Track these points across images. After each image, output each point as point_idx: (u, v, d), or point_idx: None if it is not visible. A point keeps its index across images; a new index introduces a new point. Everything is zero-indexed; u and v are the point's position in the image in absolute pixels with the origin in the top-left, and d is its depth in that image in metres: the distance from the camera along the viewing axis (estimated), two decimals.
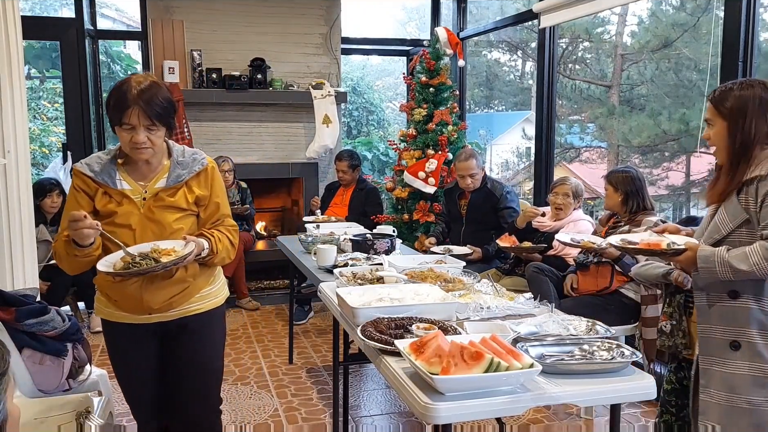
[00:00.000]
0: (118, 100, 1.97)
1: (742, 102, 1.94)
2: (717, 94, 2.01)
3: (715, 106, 2.00)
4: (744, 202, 1.93)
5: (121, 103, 1.96)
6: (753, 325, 1.93)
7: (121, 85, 2.00)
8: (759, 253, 1.83)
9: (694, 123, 7.35)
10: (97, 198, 2.06)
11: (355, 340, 2.00)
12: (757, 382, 1.92)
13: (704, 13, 7.41)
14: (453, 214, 4.41)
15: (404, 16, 14.36)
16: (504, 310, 2.15)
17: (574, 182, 3.74)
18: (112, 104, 1.99)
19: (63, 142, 5.58)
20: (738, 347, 1.95)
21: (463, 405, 1.52)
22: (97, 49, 5.68)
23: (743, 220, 1.92)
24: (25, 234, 3.55)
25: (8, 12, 3.32)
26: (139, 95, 1.96)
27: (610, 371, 1.72)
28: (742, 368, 1.94)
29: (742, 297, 1.94)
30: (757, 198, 1.90)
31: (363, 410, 3.44)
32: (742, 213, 1.93)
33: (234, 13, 5.67)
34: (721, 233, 1.96)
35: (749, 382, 1.93)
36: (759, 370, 1.92)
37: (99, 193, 2.06)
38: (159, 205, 2.08)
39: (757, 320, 1.93)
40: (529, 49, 10.18)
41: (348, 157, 5.21)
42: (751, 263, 1.83)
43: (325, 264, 3.10)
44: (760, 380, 1.92)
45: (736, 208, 1.94)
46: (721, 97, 1.98)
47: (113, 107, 1.98)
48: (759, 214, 1.89)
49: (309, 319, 4.99)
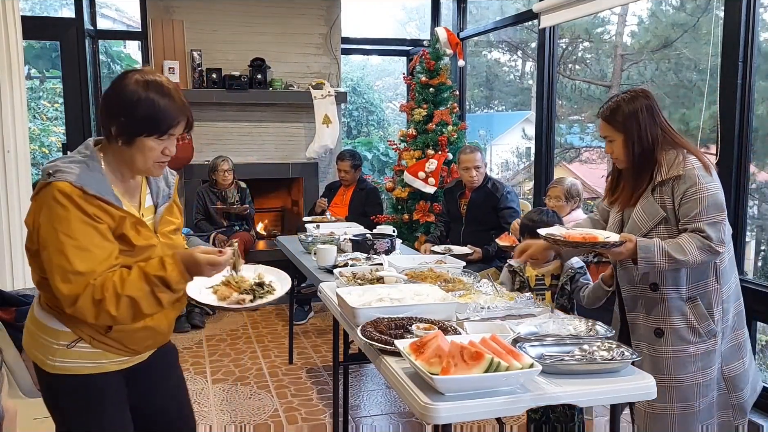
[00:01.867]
0: (168, 109, 1.64)
1: (633, 113, 2.13)
2: (607, 111, 2.18)
3: (608, 122, 2.17)
4: (660, 201, 2.12)
5: (172, 112, 1.64)
6: (674, 312, 2.14)
7: (159, 87, 1.64)
8: (693, 244, 2.02)
9: (694, 123, 7.34)
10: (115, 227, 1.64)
11: (355, 340, 2.00)
12: (679, 362, 2.14)
13: (704, 13, 7.41)
14: (453, 214, 4.40)
15: (404, 16, 14.36)
16: (504, 310, 2.15)
17: (569, 183, 3.67)
18: (154, 112, 1.62)
19: (63, 142, 5.58)
20: (661, 334, 2.16)
21: (463, 405, 1.52)
22: (97, 49, 5.69)
23: (661, 218, 2.11)
24: (25, 234, 3.56)
25: (8, 12, 3.32)
26: (185, 103, 1.69)
27: (610, 371, 1.72)
28: (667, 352, 2.15)
29: (661, 289, 2.14)
30: (673, 196, 2.09)
31: (363, 410, 3.44)
32: (659, 211, 2.11)
33: (234, 13, 5.68)
34: (641, 231, 2.13)
35: (673, 364, 2.14)
36: (682, 352, 2.14)
37: (112, 218, 1.64)
38: (169, 230, 1.82)
39: (677, 308, 2.14)
40: (529, 49, 10.17)
41: (350, 157, 5.21)
42: (688, 254, 2.01)
43: (325, 264, 3.10)
44: (681, 360, 2.14)
45: (654, 206, 2.13)
46: (613, 113, 2.16)
47: (155, 116, 1.62)
48: (678, 210, 2.08)
49: (309, 319, 4.99)
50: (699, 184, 2.04)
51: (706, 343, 2.14)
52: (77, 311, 1.58)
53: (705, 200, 2.04)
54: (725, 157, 3.13)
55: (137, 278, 1.60)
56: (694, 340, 2.13)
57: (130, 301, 1.58)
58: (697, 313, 2.13)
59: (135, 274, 1.61)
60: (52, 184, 1.58)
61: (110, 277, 1.58)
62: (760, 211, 7.00)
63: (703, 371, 2.15)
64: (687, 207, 2.06)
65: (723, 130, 3.13)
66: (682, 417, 2.15)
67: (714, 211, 2.04)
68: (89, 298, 1.56)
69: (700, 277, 2.14)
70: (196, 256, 1.64)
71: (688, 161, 2.09)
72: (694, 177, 2.05)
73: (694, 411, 2.15)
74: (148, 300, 1.61)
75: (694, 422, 2.15)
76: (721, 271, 2.16)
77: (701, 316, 2.13)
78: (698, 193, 2.04)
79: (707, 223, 2.02)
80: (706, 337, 2.14)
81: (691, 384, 2.14)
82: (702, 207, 2.03)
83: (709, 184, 2.06)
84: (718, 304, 2.15)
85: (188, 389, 2.07)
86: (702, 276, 2.14)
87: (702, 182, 2.05)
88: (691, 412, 2.15)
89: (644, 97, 2.15)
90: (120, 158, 1.69)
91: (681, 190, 2.07)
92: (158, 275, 1.60)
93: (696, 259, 2.02)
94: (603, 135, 2.21)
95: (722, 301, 2.17)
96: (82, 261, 1.56)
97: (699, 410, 2.16)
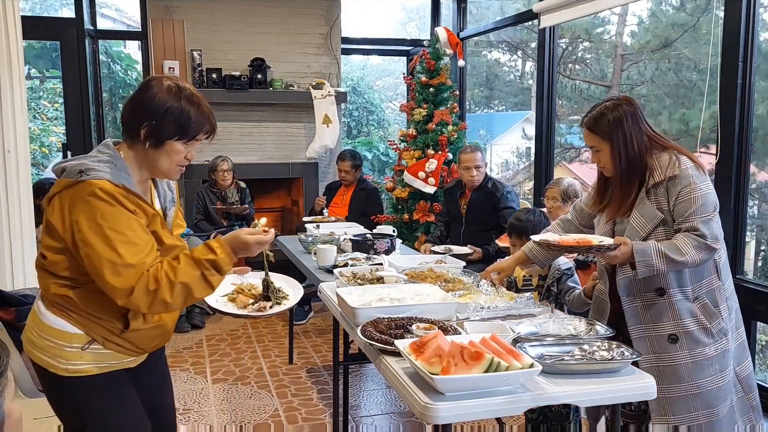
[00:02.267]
0: (197, 116, 1.71)
1: (617, 121, 2.11)
2: (591, 120, 2.16)
3: (593, 131, 2.15)
4: (656, 203, 2.10)
5: (200, 119, 1.72)
6: (685, 315, 2.10)
7: (190, 95, 1.72)
8: (689, 244, 2.00)
9: (694, 123, 7.33)
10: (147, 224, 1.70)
11: (355, 340, 2.00)
12: (698, 366, 2.09)
13: (704, 13, 7.41)
14: (453, 214, 4.40)
15: (404, 16, 14.35)
16: (504, 310, 2.15)
17: (566, 183, 3.60)
18: (185, 118, 1.70)
19: (63, 142, 5.58)
20: (676, 340, 2.11)
21: (463, 405, 1.52)
22: (97, 49, 5.69)
23: (660, 220, 2.09)
24: (25, 234, 3.56)
25: (8, 12, 3.32)
26: (211, 111, 1.78)
27: (610, 371, 1.72)
28: (685, 357, 2.09)
29: (668, 292, 2.11)
30: (668, 197, 2.08)
31: (363, 410, 3.44)
32: (657, 214, 2.09)
33: (234, 13, 5.68)
34: (640, 235, 2.11)
35: (693, 369, 2.09)
36: (700, 355, 2.09)
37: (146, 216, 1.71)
38: (178, 233, 1.91)
39: (687, 310, 2.10)
40: (529, 49, 10.17)
41: (351, 157, 5.21)
42: (685, 254, 1.99)
43: (325, 264, 3.10)
44: (700, 364, 2.09)
45: (651, 209, 2.11)
46: (597, 122, 2.15)
47: (186, 122, 1.70)
48: (673, 211, 2.07)
49: (309, 319, 4.99)
50: (693, 184, 2.05)
51: (720, 343, 2.12)
52: (131, 302, 1.62)
53: (699, 199, 2.04)
54: (725, 157, 3.13)
55: (187, 265, 1.66)
56: (708, 341, 2.10)
57: (183, 288, 1.64)
58: (707, 311, 2.11)
59: (184, 261, 1.66)
60: (88, 182, 1.62)
61: (160, 268, 1.64)
62: (760, 211, 7.00)
63: (722, 373, 2.12)
64: (682, 207, 2.06)
65: (723, 130, 3.13)
66: (708, 425, 2.10)
67: (707, 210, 2.04)
68: (143, 288, 1.61)
69: (702, 276, 2.12)
70: (243, 237, 1.73)
71: (682, 161, 2.09)
72: (689, 177, 2.05)
73: (719, 417, 2.11)
74: (200, 284, 1.67)
75: (721, 428, 2.11)
76: (721, 268, 2.15)
77: (711, 315, 2.11)
78: (692, 192, 2.04)
79: (701, 221, 2.02)
80: (718, 336, 2.11)
81: (713, 388, 2.10)
82: (696, 206, 2.03)
83: (702, 183, 2.06)
84: (723, 301, 2.14)
85: None
86: (704, 274, 2.12)
87: (696, 182, 2.05)
88: (717, 420, 2.10)
89: (628, 104, 2.13)
90: (143, 160, 1.75)
91: (676, 190, 2.07)
92: (208, 259, 1.67)
93: (694, 259, 2.01)
94: (589, 145, 2.19)
95: (726, 298, 2.16)
96: (132, 254, 1.61)
97: (723, 416, 2.11)
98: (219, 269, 1.68)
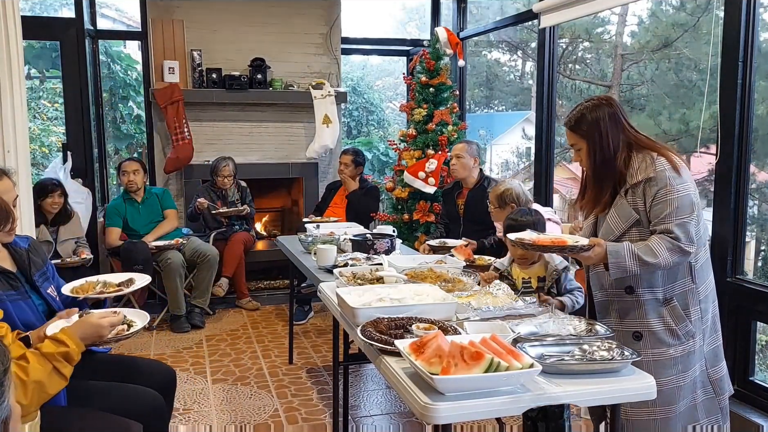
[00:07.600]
0: None
1: (595, 121, 2.14)
2: (572, 120, 2.19)
3: (573, 131, 2.20)
4: (632, 204, 2.13)
5: None
6: (651, 314, 2.15)
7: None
8: (663, 246, 2.03)
9: (694, 123, 7.34)
10: None
11: (355, 340, 2.00)
12: (659, 365, 2.13)
13: (704, 13, 7.42)
14: (451, 215, 4.41)
15: (404, 16, 14.36)
16: (504, 310, 2.15)
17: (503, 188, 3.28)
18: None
19: (63, 142, 5.57)
20: (640, 337, 2.16)
21: (463, 405, 1.52)
22: (97, 49, 5.69)
23: (634, 221, 2.12)
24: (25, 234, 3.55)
25: (8, 12, 3.32)
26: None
27: (610, 371, 1.72)
28: (647, 355, 2.13)
29: (637, 291, 2.15)
30: (645, 198, 2.10)
31: (363, 410, 3.44)
32: (632, 214, 2.12)
33: (234, 13, 5.68)
34: (614, 234, 2.14)
35: (653, 367, 2.11)
36: (662, 354, 2.14)
37: None
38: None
39: (654, 310, 2.15)
40: (529, 49, 10.18)
41: (353, 153, 5.21)
42: (658, 257, 2.02)
43: (325, 264, 3.10)
44: (662, 363, 2.14)
45: (626, 209, 2.14)
46: (577, 122, 2.18)
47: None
48: (650, 212, 2.10)
49: (309, 319, 4.99)
50: (669, 186, 2.06)
51: (685, 345, 2.15)
52: None
53: (675, 201, 2.05)
54: (725, 157, 3.13)
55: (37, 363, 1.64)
56: (672, 342, 2.14)
57: (37, 386, 1.61)
58: (674, 314, 2.14)
59: (33, 359, 1.64)
60: None
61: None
62: (760, 211, 7.00)
63: (683, 374, 2.15)
64: (657, 208, 2.08)
65: (723, 130, 3.12)
66: (665, 421, 2.15)
67: (683, 212, 2.05)
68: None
69: (675, 278, 2.14)
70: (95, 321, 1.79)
71: (658, 163, 2.10)
72: (665, 179, 2.07)
73: (676, 414, 2.16)
74: (53, 379, 1.66)
75: (676, 425, 2.16)
76: (697, 271, 2.16)
77: (678, 318, 2.14)
78: (668, 194, 2.06)
79: (676, 223, 2.04)
80: (684, 338, 2.15)
81: (673, 387, 2.15)
82: (672, 208, 2.05)
83: (680, 185, 2.07)
84: (695, 303, 2.16)
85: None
86: (677, 276, 2.14)
87: (672, 183, 2.07)
88: (673, 416, 2.15)
89: (608, 105, 2.16)
90: None
91: (652, 191, 2.09)
92: (60, 352, 1.67)
93: (667, 261, 2.03)
94: (570, 143, 2.23)
95: (699, 301, 2.17)
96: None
97: (680, 413, 2.16)
98: (70, 360, 1.70)
